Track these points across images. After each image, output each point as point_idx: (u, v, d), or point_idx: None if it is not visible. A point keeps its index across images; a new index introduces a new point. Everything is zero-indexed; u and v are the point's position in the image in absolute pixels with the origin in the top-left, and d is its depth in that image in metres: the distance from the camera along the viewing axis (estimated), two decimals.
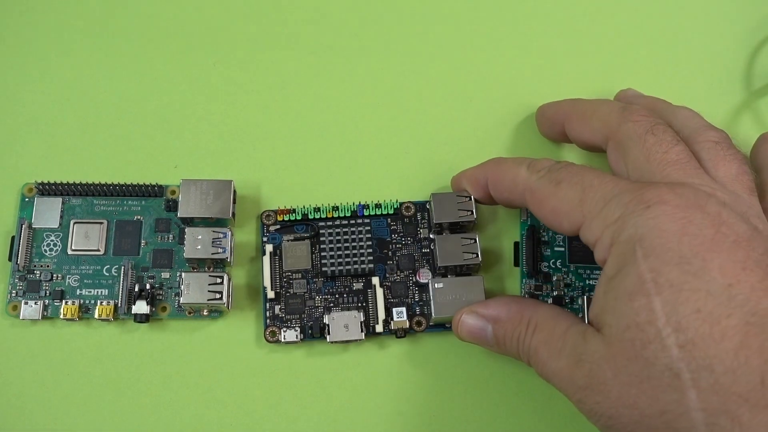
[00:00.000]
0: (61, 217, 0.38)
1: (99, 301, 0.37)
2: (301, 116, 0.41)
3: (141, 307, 0.37)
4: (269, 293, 0.37)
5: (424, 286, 0.38)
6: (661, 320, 0.28)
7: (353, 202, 0.39)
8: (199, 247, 0.37)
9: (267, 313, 0.37)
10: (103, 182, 0.38)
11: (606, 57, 0.43)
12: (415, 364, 0.38)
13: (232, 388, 0.37)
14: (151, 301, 0.37)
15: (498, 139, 0.41)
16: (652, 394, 0.28)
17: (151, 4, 0.43)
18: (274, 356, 0.38)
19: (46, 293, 0.37)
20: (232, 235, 0.37)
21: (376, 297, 0.37)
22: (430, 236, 0.39)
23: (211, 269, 0.38)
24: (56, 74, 0.41)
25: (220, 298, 0.36)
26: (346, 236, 0.38)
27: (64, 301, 0.37)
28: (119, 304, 0.37)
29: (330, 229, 0.38)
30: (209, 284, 0.36)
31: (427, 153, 0.41)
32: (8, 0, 0.42)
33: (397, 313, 0.37)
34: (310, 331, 0.37)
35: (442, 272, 0.38)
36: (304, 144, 0.41)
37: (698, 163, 0.33)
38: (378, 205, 0.39)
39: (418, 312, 0.38)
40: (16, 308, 0.37)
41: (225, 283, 0.36)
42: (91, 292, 0.38)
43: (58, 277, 0.38)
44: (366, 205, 0.39)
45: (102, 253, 0.38)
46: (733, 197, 0.32)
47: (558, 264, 0.39)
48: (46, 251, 0.38)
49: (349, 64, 0.42)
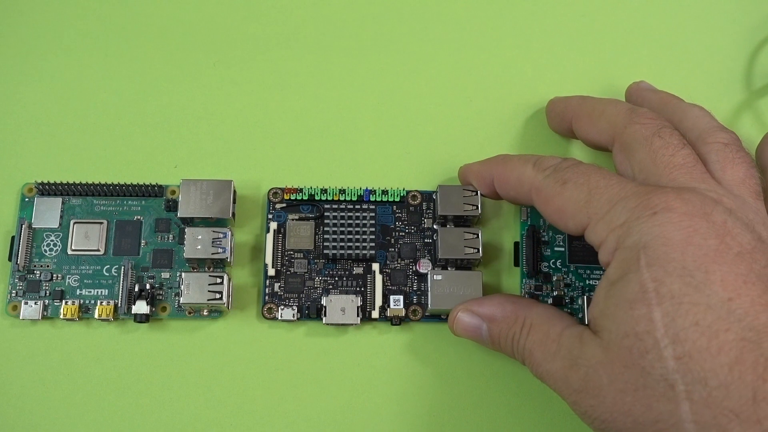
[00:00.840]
0: (61, 217, 0.38)
1: (99, 301, 0.37)
2: (302, 116, 0.41)
3: (141, 307, 0.37)
4: (270, 270, 0.38)
5: (423, 276, 0.38)
6: (660, 331, 0.28)
7: (360, 186, 0.39)
8: (199, 247, 0.37)
9: (266, 290, 0.38)
10: (103, 182, 0.38)
11: (606, 56, 0.43)
12: (408, 352, 0.38)
13: (232, 389, 0.37)
14: (151, 301, 0.37)
15: (508, 131, 0.41)
16: (647, 403, 0.29)
17: (151, 4, 0.43)
18: (275, 356, 0.38)
19: (46, 293, 0.37)
20: (232, 235, 0.37)
21: (375, 283, 0.38)
22: (434, 227, 0.39)
23: (211, 269, 0.38)
24: (56, 74, 0.41)
25: (220, 298, 0.36)
26: (350, 220, 0.38)
27: (64, 301, 0.37)
28: (119, 304, 0.37)
29: (335, 212, 0.38)
30: (209, 284, 0.36)
31: (434, 145, 0.41)
32: (8, 0, 0.42)
33: (394, 301, 0.38)
34: (307, 311, 0.37)
35: (443, 264, 0.38)
36: (304, 144, 0.41)
37: (705, 167, 0.33)
38: (385, 192, 0.39)
39: (415, 301, 0.38)
40: (16, 308, 0.37)
41: (225, 283, 0.36)
42: (91, 292, 0.38)
43: (58, 277, 0.38)
44: (373, 191, 0.39)
45: (102, 253, 0.38)
46: (740, 203, 0.32)
47: (558, 264, 0.39)
48: (46, 251, 0.38)
49: (349, 63, 0.42)
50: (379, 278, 0.38)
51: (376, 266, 0.38)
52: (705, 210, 0.30)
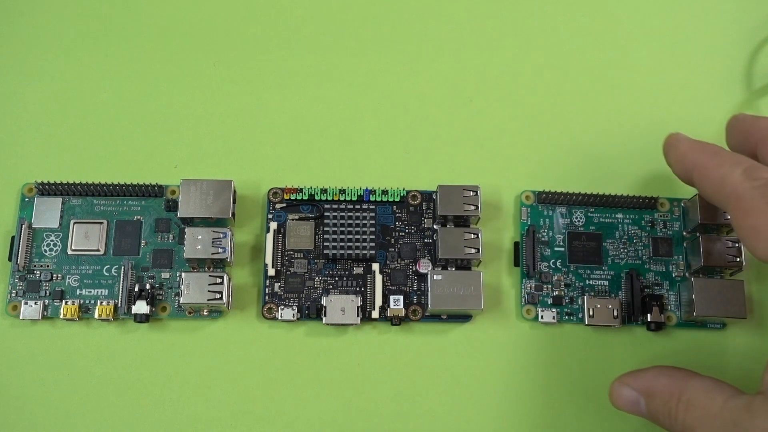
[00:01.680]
0: (61, 217, 0.38)
1: (99, 301, 0.37)
2: (302, 116, 0.41)
3: (141, 307, 0.37)
4: (270, 270, 0.38)
5: (423, 276, 0.38)
6: None
7: (360, 186, 0.39)
8: (199, 247, 0.37)
9: (266, 290, 0.38)
10: (103, 182, 0.38)
11: (606, 56, 0.43)
12: (408, 352, 0.38)
13: (232, 389, 0.37)
14: (151, 301, 0.37)
15: (508, 131, 0.41)
16: None
17: (151, 4, 0.43)
18: (275, 356, 0.38)
19: (46, 293, 0.37)
20: (232, 235, 0.37)
21: (375, 283, 0.38)
22: (434, 227, 0.39)
23: (211, 269, 0.38)
24: (56, 74, 0.41)
25: (220, 298, 0.36)
26: (350, 220, 0.38)
27: (64, 301, 0.37)
28: (119, 304, 0.37)
29: (335, 212, 0.38)
30: (209, 284, 0.36)
31: (434, 145, 0.41)
32: (8, 0, 0.42)
33: (394, 301, 0.38)
34: (307, 311, 0.37)
35: (443, 264, 0.38)
36: (304, 144, 0.41)
37: None
38: (385, 192, 0.39)
39: (415, 301, 0.38)
40: (16, 308, 0.37)
41: (225, 283, 0.36)
42: (91, 292, 0.38)
43: (58, 277, 0.38)
44: (373, 191, 0.39)
45: (102, 253, 0.38)
46: None
47: (558, 264, 0.39)
48: (46, 251, 0.38)
49: (349, 63, 0.42)
50: (379, 278, 0.38)
51: (376, 266, 0.38)
52: None
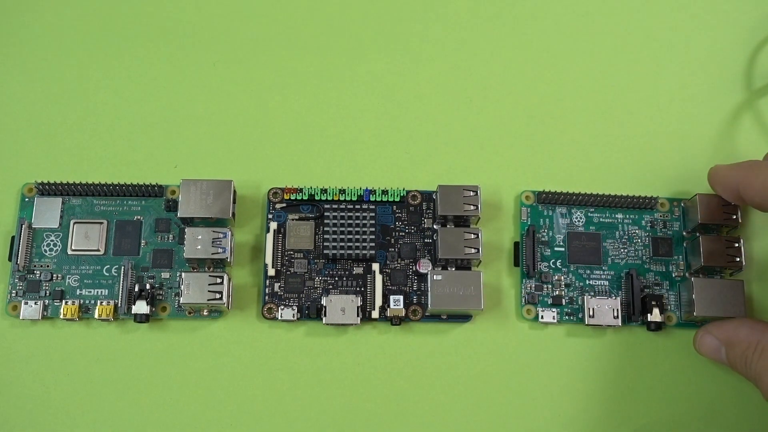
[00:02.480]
0: (61, 217, 0.38)
1: (99, 301, 0.37)
2: (302, 116, 0.41)
3: (141, 307, 0.37)
4: (270, 270, 0.38)
5: (423, 276, 0.38)
6: None
7: (360, 186, 0.39)
8: (199, 247, 0.37)
9: (266, 290, 0.38)
10: (103, 182, 0.38)
11: (606, 56, 0.43)
12: (408, 352, 0.38)
13: (232, 389, 0.37)
14: (151, 301, 0.37)
15: (508, 131, 0.41)
16: None
17: (151, 4, 0.42)
18: (275, 356, 0.38)
19: (46, 293, 0.37)
20: (232, 235, 0.37)
21: (375, 283, 0.38)
22: (434, 227, 0.39)
23: (211, 269, 0.38)
24: (56, 74, 0.41)
25: (220, 298, 0.36)
26: (350, 220, 0.38)
27: (64, 301, 0.37)
28: (119, 304, 0.37)
29: (335, 212, 0.38)
30: (209, 284, 0.36)
31: (434, 145, 0.41)
32: (8, 0, 0.42)
33: (394, 301, 0.38)
34: (307, 311, 0.37)
35: (443, 264, 0.38)
36: (304, 144, 0.41)
37: None
38: (385, 192, 0.39)
39: (415, 301, 0.38)
40: (16, 308, 0.37)
41: (225, 283, 0.36)
42: (91, 292, 0.38)
43: (58, 277, 0.38)
44: (373, 191, 0.39)
45: (102, 253, 0.38)
46: None
47: (558, 264, 0.39)
48: (46, 251, 0.38)
49: (349, 63, 0.42)
50: (379, 278, 0.38)
51: (376, 266, 0.38)
52: None
